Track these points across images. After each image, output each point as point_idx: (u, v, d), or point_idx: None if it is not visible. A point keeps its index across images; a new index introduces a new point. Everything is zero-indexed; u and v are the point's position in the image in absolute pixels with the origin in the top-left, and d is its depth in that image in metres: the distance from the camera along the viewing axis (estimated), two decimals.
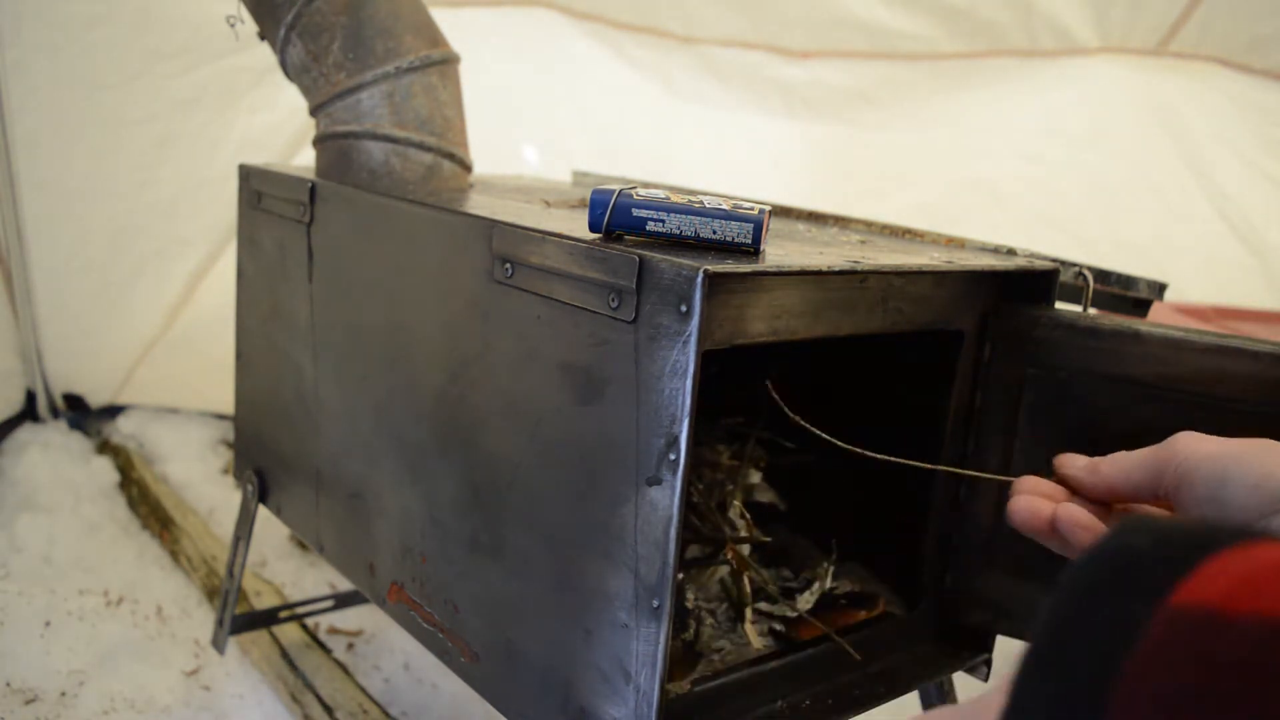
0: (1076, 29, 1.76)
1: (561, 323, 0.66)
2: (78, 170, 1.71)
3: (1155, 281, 0.91)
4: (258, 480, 1.13)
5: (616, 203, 0.64)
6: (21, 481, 1.67)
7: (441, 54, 1.02)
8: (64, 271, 1.78)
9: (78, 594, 1.39)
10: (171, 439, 1.89)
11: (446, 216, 0.78)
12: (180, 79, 1.67)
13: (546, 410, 0.68)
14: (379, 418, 0.88)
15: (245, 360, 1.14)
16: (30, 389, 1.87)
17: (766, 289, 0.63)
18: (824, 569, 0.91)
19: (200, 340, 1.87)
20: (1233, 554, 0.28)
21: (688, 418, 0.57)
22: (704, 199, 0.66)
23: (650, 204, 0.64)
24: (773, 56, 1.94)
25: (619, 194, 0.65)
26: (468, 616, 0.78)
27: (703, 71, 1.97)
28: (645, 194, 0.65)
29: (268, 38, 1.06)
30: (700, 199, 0.66)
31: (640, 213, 0.64)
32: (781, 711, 0.74)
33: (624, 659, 0.62)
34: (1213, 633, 0.27)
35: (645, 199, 0.65)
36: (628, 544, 0.61)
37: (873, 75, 1.91)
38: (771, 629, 0.86)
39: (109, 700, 1.18)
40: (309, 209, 0.96)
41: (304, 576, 1.52)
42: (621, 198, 0.65)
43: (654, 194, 0.66)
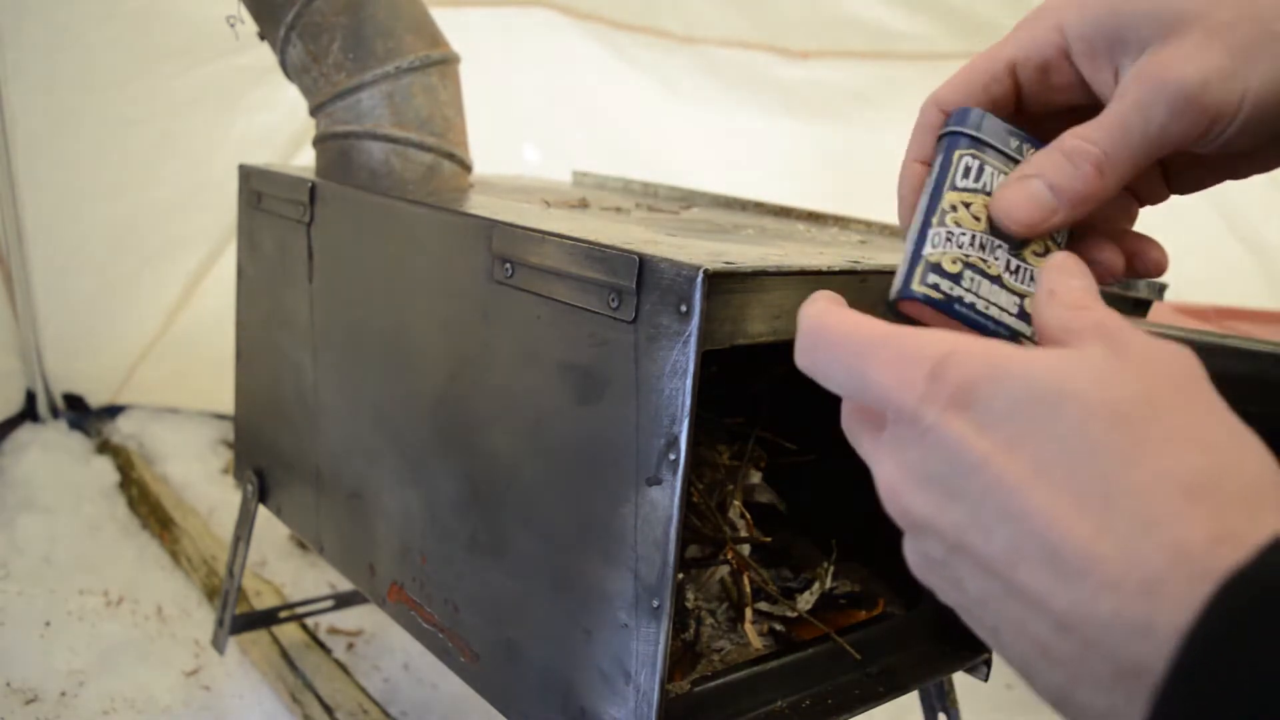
0: None
1: (561, 323, 0.66)
2: (78, 170, 1.71)
3: (1155, 281, 0.91)
4: (258, 480, 1.13)
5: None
6: (21, 481, 1.67)
7: (441, 54, 1.02)
8: (64, 271, 1.78)
9: (78, 594, 1.39)
10: (171, 439, 1.89)
11: (446, 216, 0.78)
12: (180, 79, 1.67)
13: (546, 410, 0.68)
14: (379, 417, 0.88)
15: (245, 360, 1.14)
16: (30, 389, 1.87)
17: (766, 289, 0.63)
18: (824, 569, 0.91)
19: (200, 340, 1.87)
20: None
21: (688, 418, 0.57)
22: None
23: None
24: (773, 56, 1.94)
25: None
26: (468, 616, 0.78)
27: (703, 71, 1.97)
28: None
29: (268, 38, 1.06)
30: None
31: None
32: (781, 711, 0.74)
33: (624, 659, 0.62)
34: None
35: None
36: (628, 544, 0.61)
37: (873, 75, 1.91)
38: (771, 629, 0.86)
39: (109, 700, 1.18)
40: (309, 209, 0.96)
41: (304, 576, 1.52)
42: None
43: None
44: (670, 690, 0.70)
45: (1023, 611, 0.33)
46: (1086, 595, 0.31)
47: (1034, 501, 0.32)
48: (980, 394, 0.35)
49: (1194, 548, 0.30)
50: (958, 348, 0.36)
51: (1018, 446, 0.33)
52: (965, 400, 0.35)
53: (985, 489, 0.34)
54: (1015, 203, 0.45)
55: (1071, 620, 0.32)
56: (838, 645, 0.81)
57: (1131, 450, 0.32)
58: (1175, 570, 0.30)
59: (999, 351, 0.36)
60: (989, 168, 0.47)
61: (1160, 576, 0.30)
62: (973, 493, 0.35)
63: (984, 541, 0.34)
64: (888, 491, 0.40)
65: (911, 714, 0.99)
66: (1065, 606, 0.32)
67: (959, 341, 0.37)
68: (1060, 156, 0.44)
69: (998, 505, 0.34)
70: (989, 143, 0.47)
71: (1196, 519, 0.30)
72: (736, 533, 0.89)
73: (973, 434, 0.34)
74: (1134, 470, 0.31)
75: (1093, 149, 0.43)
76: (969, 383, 0.35)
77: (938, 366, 0.36)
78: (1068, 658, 0.32)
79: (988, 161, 0.47)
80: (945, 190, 0.46)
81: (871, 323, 0.40)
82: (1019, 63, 0.48)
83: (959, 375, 0.35)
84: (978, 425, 0.34)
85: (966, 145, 0.47)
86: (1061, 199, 0.44)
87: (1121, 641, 0.30)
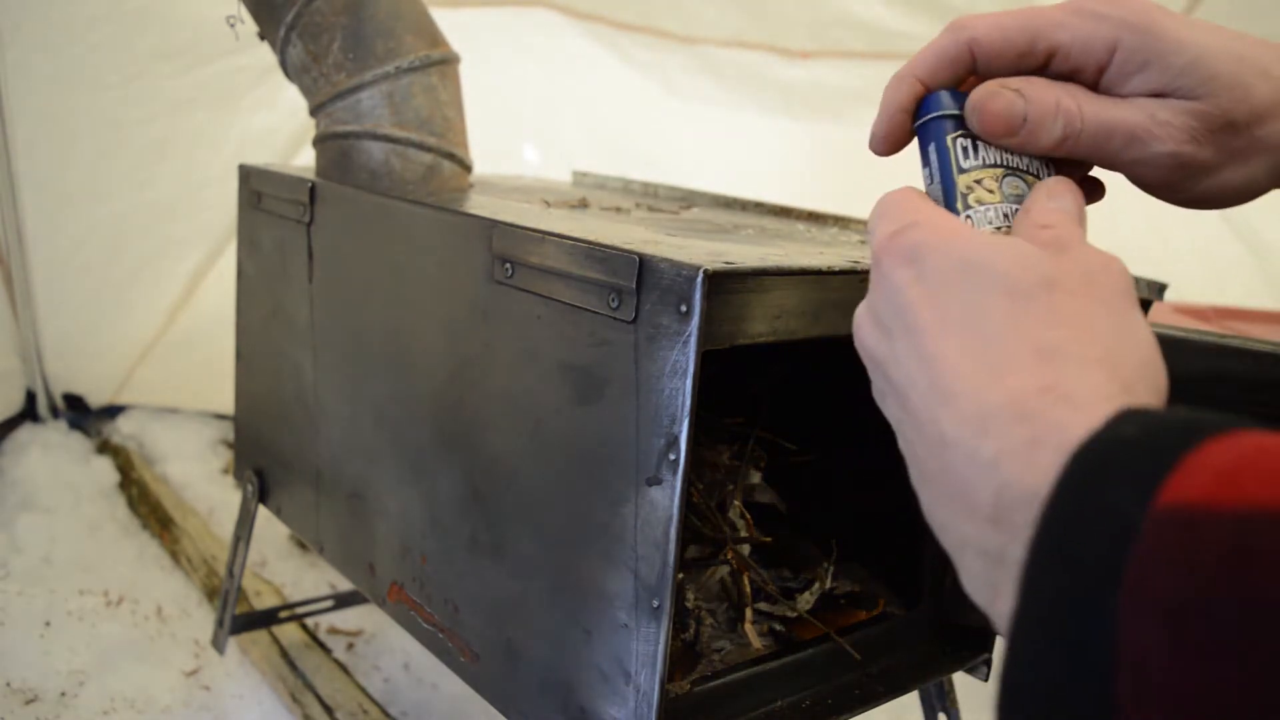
0: None
1: (561, 323, 0.66)
2: (78, 170, 1.71)
3: (1155, 281, 0.91)
4: (258, 480, 1.13)
5: None
6: (21, 481, 1.67)
7: (441, 54, 1.02)
8: (64, 271, 1.78)
9: (78, 594, 1.39)
10: (171, 439, 1.89)
11: (446, 216, 0.78)
12: (180, 79, 1.67)
13: (546, 410, 0.68)
14: (379, 418, 0.88)
15: (245, 360, 1.14)
16: (30, 389, 1.87)
17: (766, 289, 0.63)
18: (824, 569, 0.91)
19: (200, 340, 1.87)
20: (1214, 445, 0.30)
21: (688, 418, 0.57)
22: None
23: None
24: (773, 56, 1.94)
25: None
26: (468, 616, 0.78)
27: (703, 71, 1.97)
28: None
29: (268, 38, 1.06)
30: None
31: None
32: (781, 711, 0.74)
33: (624, 659, 0.62)
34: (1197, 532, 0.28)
35: None
36: (628, 544, 0.61)
37: (873, 75, 1.91)
38: (771, 629, 0.86)
39: (109, 700, 1.18)
40: (309, 209, 0.96)
41: (304, 576, 1.52)
42: None
43: None
44: (670, 690, 0.70)
45: (912, 433, 0.41)
46: (948, 421, 0.38)
47: (932, 342, 0.40)
48: (924, 254, 0.42)
49: (1025, 394, 0.36)
50: (921, 218, 0.44)
51: (936, 299, 0.41)
52: (912, 256, 0.42)
53: (906, 328, 0.41)
54: (996, 111, 0.47)
55: (936, 442, 0.38)
56: (838, 645, 0.81)
57: (1014, 316, 0.38)
58: (1006, 410, 0.36)
59: (952, 227, 0.43)
60: (981, 142, 0.49)
61: (994, 414, 0.36)
62: (897, 330, 0.42)
63: (897, 371, 0.42)
64: (855, 325, 0.47)
65: (911, 714, 0.99)
66: (934, 430, 0.38)
67: (926, 213, 0.44)
68: (1052, 103, 0.47)
69: (910, 342, 0.41)
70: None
71: (1035, 372, 0.36)
72: (736, 533, 0.89)
73: (909, 283, 0.42)
74: (1009, 331, 0.38)
75: (1076, 122, 0.47)
76: (919, 244, 0.42)
77: (903, 228, 0.43)
78: (933, 476, 0.39)
79: (978, 137, 0.49)
80: (955, 176, 0.48)
81: (904, 193, 0.47)
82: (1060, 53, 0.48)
83: (914, 236, 0.43)
84: (915, 277, 0.42)
85: (953, 128, 0.49)
86: (1025, 132, 0.47)
87: (962, 465, 0.37)
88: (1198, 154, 0.46)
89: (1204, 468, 0.29)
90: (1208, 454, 0.30)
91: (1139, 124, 0.46)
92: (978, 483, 0.36)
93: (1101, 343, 0.37)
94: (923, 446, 0.40)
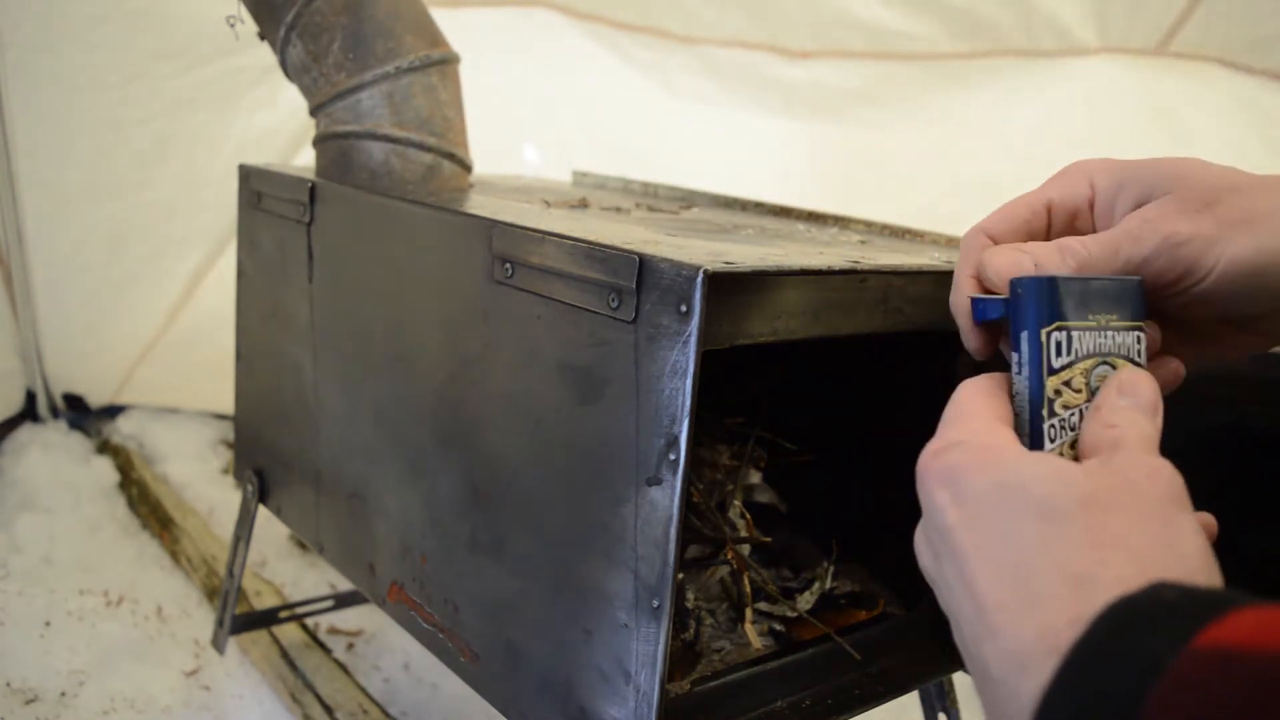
0: (1076, 29, 1.76)
1: (561, 323, 0.66)
2: (78, 170, 1.71)
3: None
4: (258, 480, 1.13)
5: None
6: (21, 481, 1.67)
7: (441, 54, 1.02)
8: (64, 271, 1.78)
9: (78, 594, 1.39)
10: (171, 439, 1.89)
11: (446, 216, 0.78)
12: (180, 79, 1.67)
13: (546, 410, 0.68)
14: (379, 418, 0.88)
15: (245, 360, 1.14)
16: (30, 389, 1.87)
17: (766, 289, 0.63)
18: (824, 569, 0.91)
19: (200, 340, 1.87)
20: (1252, 609, 0.31)
21: (688, 418, 0.57)
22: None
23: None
24: (773, 56, 1.93)
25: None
26: (468, 616, 0.78)
27: (703, 71, 1.97)
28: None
29: (268, 38, 1.06)
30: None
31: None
32: (781, 711, 0.74)
33: (624, 659, 0.62)
34: (1230, 665, 0.29)
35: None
36: (628, 544, 0.61)
37: (873, 75, 1.91)
38: (771, 629, 0.86)
39: (109, 700, 1.18)
40: (309, 209, 0.96)
41: (304, 576, 1.52)
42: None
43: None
44: (670, 690, 0.70)
45: (968, 660, 0.41)
46: (991, 657, 0.38)
47: (973, 569, 0.40)
48: (961, 477, 0.43)
49: (1056, 630, 0.35)
50: (966, 436, 0.45)
51: (974, 523, 0.41)
52: (949, 479, 0.43)
53: (949, 552, 0.42)
54: (1002, 263, 0.52)
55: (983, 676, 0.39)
56: (838, 645, 0.81)
57: (1047, 542, 0.38)
58: (1038, 646, 0.35)
59: (994, 446, 0.44)
60: (1076, 332, 0.49)
61: (1029, 650, 0.36)
62: (943, 553, 0.43)
63: (948, 596, 0.43)
64: (915, 545, 0.48)
65: (911, 714, 0.99)
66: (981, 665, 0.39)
67: (973, 429, 0.45)
68: (1054, 247, 0.52)
69: (954, 566, 0.42)
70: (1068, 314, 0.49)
71: (1066, 603, 0.35)
72: (736, 533, 0.89)
73: (948, 505, 0.43)
74: (1041, 559, 0.38)
75: (1082, 251, 0.51)
76: (957, 466, 0.43)
77: (946, 447, 0.45)
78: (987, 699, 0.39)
79: (1073, 328, 0.49)
80: (1045, 378, 0.48)
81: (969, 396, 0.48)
82: (1055, 205, 0.55)
83: (953, 459, 0.44)
84: (952, 500, 0.43)
85: (1048, 319, 0.48)
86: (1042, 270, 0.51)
87: (1005, 702, 0.36)
88: (1196, 229, 0.49)
89: (1243, 620, 0.30)
90: (1248, 614, 0.31)
91: (1132, 223, 0.51)
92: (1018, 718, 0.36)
93: (1139, 561, 0.36)
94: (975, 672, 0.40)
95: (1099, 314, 0.49)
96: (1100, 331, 0.49)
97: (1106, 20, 1.75)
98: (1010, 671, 0.36)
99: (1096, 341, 0.49)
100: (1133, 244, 0.50)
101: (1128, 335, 0.50)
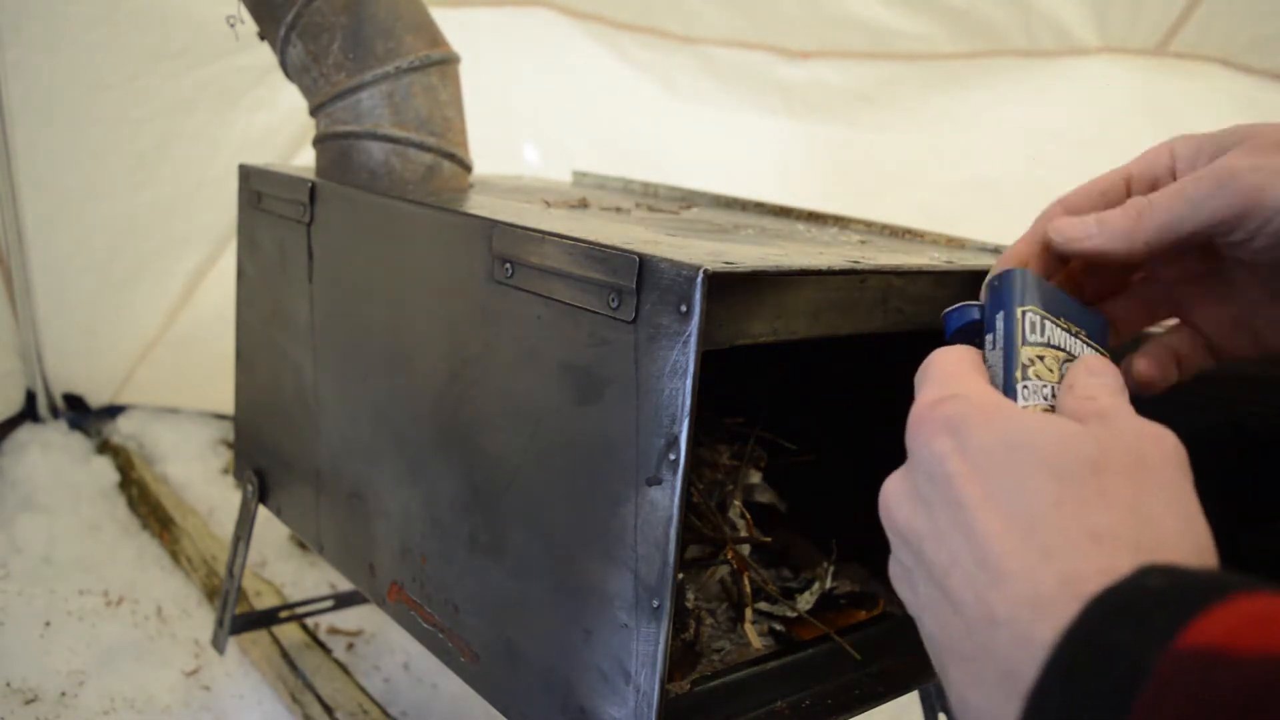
0: (1076, 29, 1.76)
1: (561, 323, 0.66)
2: (78, 170, 1.71)
3: None
4: (258, 480, 1.13)
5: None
6: (21, 481, 1.67)
7: (441, 54, 1.02)
8: (64, 271, 1.78)
9: (78, 594, 1.39)
10: (171, 439, 1.89)
11: (446, 216, 0.78)
12: (180, 79, 1.67)
13: (546, 410, 0.68)
14: (379, 418, 0.88)
15: (245, 360, 1.14)
16: (30, 389, 1.87)
17: (766, 289, 0.63)
18: (824, 569, 0.91)
19: (200, 340, 1.87)
20: (1240, 600, 0.30)
21: (688, 418, 0.57)
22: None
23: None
24: (773, 56, 1.93)
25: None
26: (468, 616, 0.78)
27: (703, 71, 1.97)
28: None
29: (268, 38, 1.06)
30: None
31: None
32: (781, 711, 0.74)
33: (624, 659, 0.62)
34: (1216, 671, 0.28)
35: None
36: (628, 544, 0.61)
37: (873, 75, 1.91)
38: (771, 629, 0.86)
39: (109, 700, 1.18)
40: (309, 209, 0.96)
41: (304, 576, 1.52)
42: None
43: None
44: (670, 690, 0.70)
45: (949, 615, 0.40)
46: (1000, 601, 0.37)
47: (979, 518, 0.39)
48: (966, 428, 0.42)
49: (1083, 577, 0.35)
50: (965, 390, 0.45)
51: (980, 474, 0.40)
52: (953, 428, 0.42)
53: (948, 501, 0.41)
54: (1065, 221, 0.54)
55: (983, 622, 0.37)
56: (838, 645, 0.81)
57: (1062, 498, 0.38)
58: (1061, 592, 0.35)
59: (996, 404, 0.44)
60: (1049, 323, 0.51)
61: (1049, 596, 0.35)
62: (938, 503, 0.41)
63: (936, 549, 0.41)
64: (883, 500, 0.46)
65: (911, 714, 0.99)
66: (981, 610, 0.37)
67: (971, 385, 0.45)
68: (1119, 207, 0.53)
69: (953, 516, 0.40)
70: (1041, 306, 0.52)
71: (1091, 555, 0.35)
72: (736, 533, 0.89)
73: (951, 453, 0.42)
74: (1058, 513, 0.37)
75: (1142, 200, 0.52)
76: (962, 415, 0.42)
77: (945, 397, 0.44)
78: (969, 656, 0.38)
79: (1046, 317, 0.51)
80: (1019, 346, 0.50)
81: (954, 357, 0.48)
82: (1134, 178, 0.56)
83: (957, 408, 0.43)
84: (956, 449, 0.42)
85: (1025, 300, 0.51)
86: (1101, 226, 0.53)
87: (1007, 647, 0.36)
88: (1260, 162, 0.49)
89: (1228, 616, 0.30)
90: (1233, 606, 0.30)
91: (1199, 170, 0.52)
92: (1026, 663, 0.35)
93: (1154, 527, 0.37)
94: (961, 626, 0.39)
95: (1071, 324, 0.52)
96: (1071, 335, 0.52)
97: (1106, 20, 1.75)
98: (1025, 614, 0.35)
99: (1067, 340, 0.51)
100: (1193, 185, 0.51)
101: (1095, 352, 0.53)
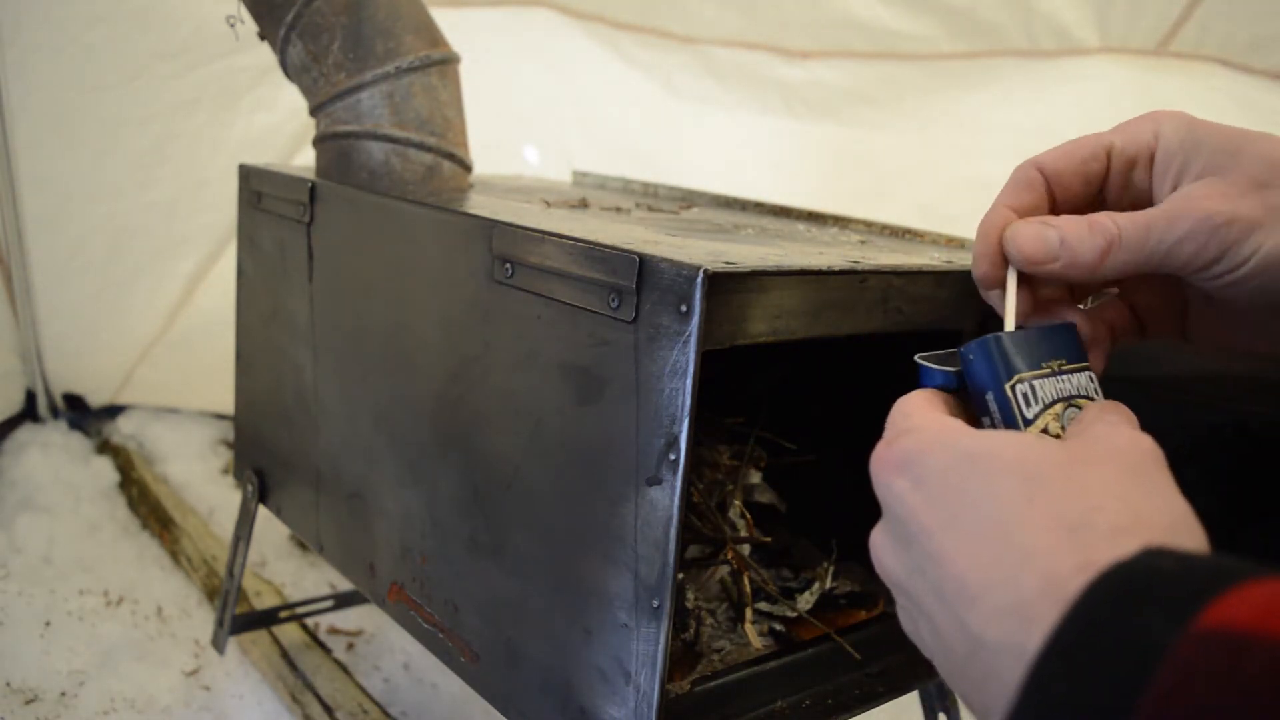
0: (1076, 29, 1.76)
1: (561, 323, 0.66)
2: (78, 170, 1.71)
3: None
4: (258, 480, 1.13)
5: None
6: (21, 481, 1.67)
7: (441, 54, 1.02)
8: (64, 271, 1.78)
9: (78, 594, 1.39)
10: (171, 439, 1.89)
11: (446, 216, 0.78)
12: (180, 79, 1.67)
13: (546, 410, 0.68)
14: (379, 418, 0.88)
15: (245, 360, 1.14)
16: (30, 389, 1.87)
17: (766, 289, 0.63)
18: (824, 569, 0.91)
19: (200, 340, 1.87)
20: (1259, 584, 0.29)
21: (688, 418, 0.57)
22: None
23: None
24: (773, 56, 1.93)
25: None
26: (468, 616, 0.78)
27: (703, 71, 1.97)
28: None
29: (268, 38, 1.06)
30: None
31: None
32: (781, 711, 0.74)
33: (624, 659, 0.62)
34: (1241, 653, 0.27)
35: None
36: (628, 544, 0.61)
37: (873, 75, 1.91)
38: (771, 629, 0.86)
39: (109, 700, 1.18)
40: (309, 209, 0.96)
41: (304, 576, 1.52)
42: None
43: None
44: (670, 690, 0.70)
45: (947, 649, 0.38)
46: (978, 622, 0.35)
47: (942, 545, 0.38)
48: (916, 459, 0.41)
49: (1062, 576, 0.33)
50: (914, 424, 0.44)
51: (938, 501, 0.39)
52: (903, 464, 0.42)
53: (914, 535, 0.40)
54: (1027, 238, 0.51)
55: (968, 648, 0.36)
56: (838, 645, 0.81)
57: (1032, 494, 0.36)
58: (1044, 596, 0.33)
59: (951, 428, 0.43)
60: (1036, 381, 0.50)
61: (1033, 600, 0.34)
62: (908, 539, 0.41)
63: (919, 588, 0.40)
64: (872, 553, 0.45)
65: (911, 714, 0.99)
66: (964, 636, 0.36)
67: (920, 418, 0.45)
68: (1084, 223, 0.50)
69: (921, 550, 0.39)
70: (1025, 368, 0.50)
71: (1068, 551, 0.34)
72: (736, 533, 0.89)
73: (907, 491, 0.41)
74: (1029, 510, 0.36)
75: (1112, 228, 0.50)
76: (910, 450, 0.42)
77: (894, 437, 0.44)
78: (976, 684, 0.36)
79: (1033, 377, 0.50)
80: (1023, 428, 0.48)
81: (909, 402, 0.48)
82: (1116, 150, 0.53)
83: (904, 444, 0.42)
84: (911, 484, 0.41)
85: (1006, 375, 0.49)
86: (1065, 251, 0.50)
87: (1008, 666, 0.34)
88: (1237, 212, 0.47)
89: (1250, 598, 0.29)
90: (1253, 588, 0.29)
91: (1173, 204, 0.49)
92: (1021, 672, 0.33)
93: (1129, 509, 0.35)
94: (959, 656, 0.37)
95: (1049, 360, 0.51)
96: (1056, 376, 0.50)
97: (1106, 20, 1.75)
98: (1013, 629, 0.34)
99: (1057, 387, 0.50)
100: (1166, 225, 0.48)
101: (1081, 376, 0.51)
